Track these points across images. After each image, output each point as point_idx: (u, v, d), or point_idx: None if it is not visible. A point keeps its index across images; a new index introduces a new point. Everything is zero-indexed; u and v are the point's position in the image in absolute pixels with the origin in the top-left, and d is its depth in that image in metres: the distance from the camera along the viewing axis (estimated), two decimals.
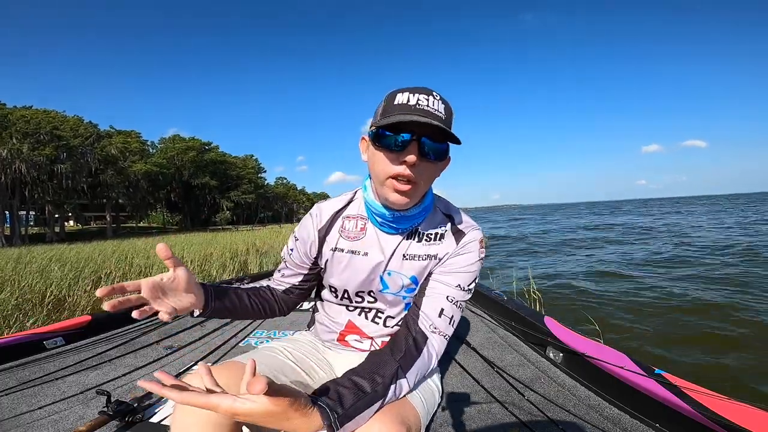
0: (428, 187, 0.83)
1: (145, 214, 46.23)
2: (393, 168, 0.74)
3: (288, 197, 71.94)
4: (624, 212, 37.95)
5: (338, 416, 0.62)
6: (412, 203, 0.80)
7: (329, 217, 0.94)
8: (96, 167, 32.44)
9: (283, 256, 1.01)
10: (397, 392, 0.72)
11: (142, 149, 40.02)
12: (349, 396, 0.65)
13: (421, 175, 0.75)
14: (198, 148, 48.38)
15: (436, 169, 0.79)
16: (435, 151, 0.74)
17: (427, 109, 0.71)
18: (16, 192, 28.02)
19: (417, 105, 0.72)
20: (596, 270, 7.01)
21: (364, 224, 0.91)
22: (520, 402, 1.52)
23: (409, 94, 0.74)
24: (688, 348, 3.25)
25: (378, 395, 0.68)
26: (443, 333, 0.82)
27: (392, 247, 0.88)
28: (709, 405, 1.10)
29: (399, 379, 0.73)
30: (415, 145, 0.72)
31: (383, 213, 0.84)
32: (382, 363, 0.74)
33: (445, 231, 0.89)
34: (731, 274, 5.91)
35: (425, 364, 0.79)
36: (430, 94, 0.74)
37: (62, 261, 6.94)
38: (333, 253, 0.92)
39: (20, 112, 29.02)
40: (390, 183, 0.75)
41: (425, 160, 0.74)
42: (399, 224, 0.86)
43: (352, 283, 0.93)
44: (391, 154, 0.74)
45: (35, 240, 26.59)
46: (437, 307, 0.83)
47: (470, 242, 0.88)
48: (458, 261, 0.87)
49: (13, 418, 1.43)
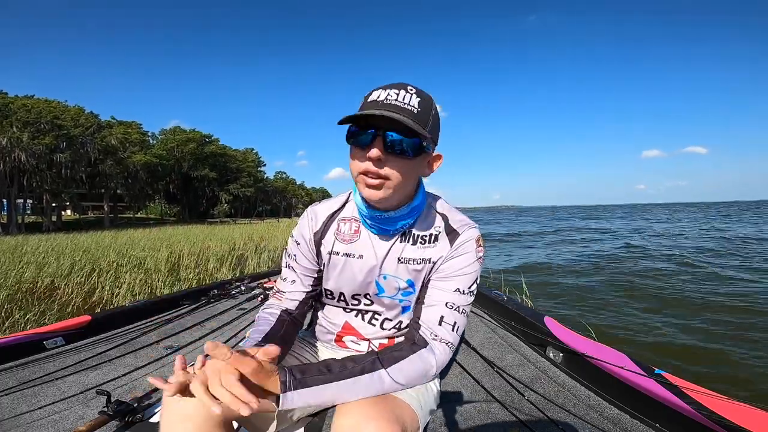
0: (409, 185, 0.78)
1: (143, 205, 46.05)
2: (362, 164, 0.73)
3: (287, 192, 71.74)
4: (595, 218, 42.46)
5: (294, 378, 0.65)
6: (390, 200, 0.77)
7: (324, 220, 0.92)
8: (95, 157, 32.23)
9: (287, 262, 0.96)
10: (376, 381, 0.71)
11: (143, 140, 39.83)
12: (313, 368, 0.68)
13: (392, 171, 0.73)
14: (198, 140, 48.16)
15: (412, 164, 0.75)
16: (403, 145, 0.72)
17: (395, 104, 0.70)
18: (14, 180, 27.87)
19: (385, 100, 0.71)
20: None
21: (358, 226, 0.89)
22: (520, 402, 1.53)
23: (381, 90, 0.73)
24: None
25: (344, 375, 0.69)
26: (446, 341, 0.79)
27: (385, 249, 0.86)
28: (709, 405, 1.11)
29: (377, 370, 0.71)
30: (380, 140, 0.71)
31: (370, 214, 0.82)
32: (361, 354, 0.76)
33: (438, 232, 0.86)
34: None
35: (417, 367, 0.75)
36: (404, 89, 0.73)
37: (58, 252, 6.91)
38: (330, 256, 0.90)
39: (21, 101, 28.82)
40: (361, 179, 0.75)
41: (393, 154, 0.72)
42: (387, 225, 0.83)
43: (348, 286, 0.91)
44: (360, 151, 0.74)
45: (32, 229, 26.47)
46: (436, 315, 0.81)
47: (466, 242, 0.84)
48: (454, 264, 0.84)
49: (13, 418, 1.42)
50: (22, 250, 7.34)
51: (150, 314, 2.88)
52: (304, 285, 0.94)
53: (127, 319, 2.67)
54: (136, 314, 2.78)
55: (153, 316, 2.87)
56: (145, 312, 2.86)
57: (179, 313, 2.96)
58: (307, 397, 0.65)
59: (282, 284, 0.96)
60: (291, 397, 0.63)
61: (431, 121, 0.75)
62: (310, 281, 0.94)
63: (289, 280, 0.95)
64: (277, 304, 0.94)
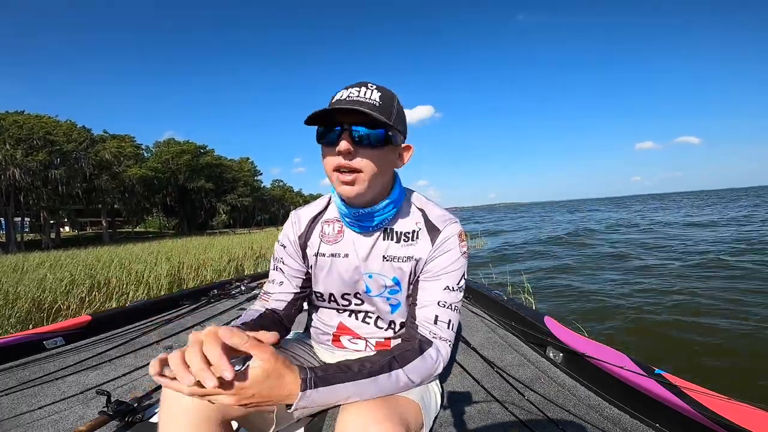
0: (383, 178, 0.80)
1: (141, 218, 46.09)
2: (333, 161, 0.76)
3: (285, 199, 71.83)
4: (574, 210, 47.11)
5: (315, 375, 0.63)
6: (366, 195, 0.79)
7: (307, 223, 0.94)
8: (90, 172, 32.20)
9: (274, 265, 0.98)
10: (393, 381, 0.71)
11: (137, 153, 39.83)
12: (332, 367, 0.67)
13: (364, 163, 0.75)
14: (193, 151, 48.15)
15: (381, 155, 0.77)
16: (369, 137, 0.74)
17: (357, 100, 0.73)
18: (10, 198, 27.81)
19: (348, 98, 0.74)
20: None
21: (341, 227, 0.91)
22: (520, 402, 1.52)
23: (344, 90, 0.76)
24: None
25: (363, 375, 0.68)
26: (444, 338, 0.82)
27: (368, 247, 0.88)
28: (709, 405, 1.10)
29: (394, 370, 0.72)
30: (347, 134, 0.73)
31: (347, 212, 0.84)
32: (379, 353, 0.76)
33: (419, 228, 0.88)
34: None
35: (428, 365, 0.77)
36: (364, 86, 0.76)
37: (58, 268, 6.89)
38: (316, 258, 0.92)
39: (13, 117, 28.78)
40: (335, 176, 0.77)
41: (361, 146, 0.75)
42: (366, 221, 0.85)
43: (336, 286, 0.93)
44: (329, 148, 0.76)
45: (31, 247, 26.39)
46: (431, 315, 0.82)
47: (448, 239, 0.85)
48: (439, 263, 0.85)
49: (13, 418, 1.42)
50: (23, 268, 7.32)
51: (150, 314, 2.88)
52: (292, 285, 0.96)
53: (127, 319, 2.67)
54: (136, 314, 2.77)
55: (153, 316, 2.87)
56: (145, 312, 2.86)
57: (179, 313, 2.96)
58: (326, 395, 0.64)
59: (269, 286, 0.97)
60: (310, 394, 0.62)
61: (395, 113, 0.77)
62: (298, 282, 0.96)
63: (277, 281, 0.97)
64: (262, 305, 0.95)
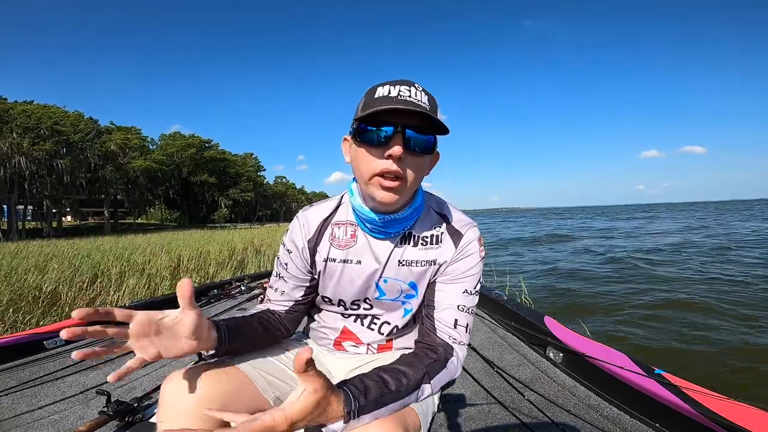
0: (417, 185, 0.77)
1: (144, 210, 46.10)
2: (378, 164, 0.70)
3: (287, 196, 71.76)
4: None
5: (359, 405, 0.60)
6: (402, 201, 0.75)
7: (318, 226, 0.88)
8: (95, 163, 32.29)
9: (277, 271, 0.93)
10: (418, 396, 0.71)
11: (142, 146, 39.87)
12: (374, 389, 0.64)
13: (409, 171, 0.71)
14: (198, 145, 48.17)
15: (424, 163, 0.74)
16: (421, 143, 0.70)
17: (410, 100, 0.67)
18: (14, 186, 27.90)
19: (399, 96, 0.68)
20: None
21: (354, 230, 0.86)
22: (520, 402, 1.52)
23: (389, 86, 0.70)
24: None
25: (401, 395, 0.67)
26: (463, 343, 0.81)
27: (386, 253, 0.84)
28: (709, 405, 1.10)
29: (423, 384, 0.71)
30: (400, 137, 0.68)
31: (372, 218, 0.79)
32: (412, 365, 0.73)
33: (441, 232, 0.85)
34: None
35: (451, 372, 0.78)
36: (412, 86, 0.70)
37: (60, 257, 6.92)
38: (325, 264, 0.87)
39: (21, 106, 28.89)
40: (376, 181, 0.71)
41: (411, 153, 0.70)
42: (390, 228, 0.81)
43: (347, 293, 0.89)
44: (375, 150, 0.70)
45: (32, 235, 26.43)
46: (451, 319, 0.81)
47: (469, 243, 0.84)
48: (460, 266, 0.83)
49: (13, 418, 1.42)
50: (23, 255, 7.34)
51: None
52: (296, 293, 0.92)
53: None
54: None
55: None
56: None
57: None
58: (366, 420, 0.62)
59: (271, 293, 0.94)
60: (353, 424, 0.60)
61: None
62: (300, 293, 0.91)
63: (279, 290, 0.92)
64: (264, 307, 0.94)
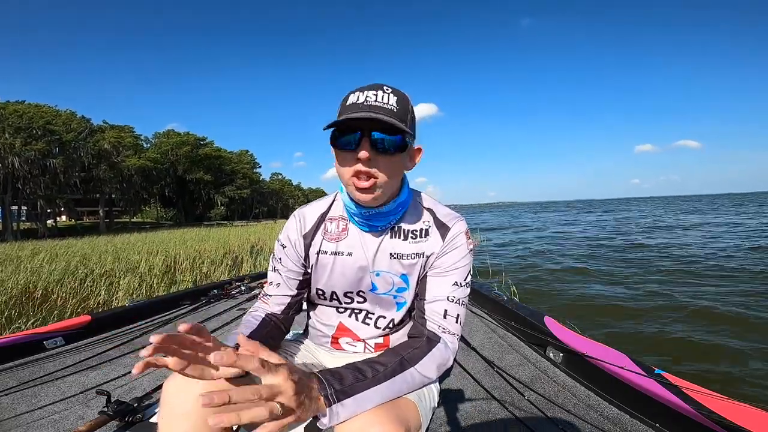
0: (396, 181, 0.82)
1: (139, 209, 45.83)
2: (351, 167, 0.76)
3: (283, 193, 71.57)
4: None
5: (336, 390, 0.61)
6: (381, 199, 0.80)
7: (314, 222, 0.93)
8: (89, 162, 31.97)
9: (273, 265, 0.97)
10: (409, 381, 0.72)
11: (136, 144, 39.56)
12: (349, 376, 0.65)
13: (381, 170, 0.76)
14: (192, 143, 47.83)
15: (398, 161, 0.79)
16: (389, 144, 0.75)
17: (376, 104, 0.73)
18: (8, 187, 27.62)
19: (365, 102, 0.74)
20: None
21: (345, 224, 0.91)
22: (520, 402, 1.53)
23: (359, 92, 0.76)
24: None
25: (378, 381, 0.68)
26: (453, 332, 0.83)
27: (375, 245, 0.88)
28: (709, 405, 1.12)
29: (406, 369, 0.73)
30: (366, 140, 0.74)
31: (358, 212, 0.85)
32: (385, 355, 0.76)
33: (428, 226, 0.89)
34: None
35: (437, 358, 0.79)
36: (380, 89, 0.75)
37: (53, 257, 6.87)
38: (318, 256, 0.92)
39: (13, 106, 28.52)
40: (352, 182, 0.77)
41: (380, 153, 0.75)
42: (376, 221, 0.86)
43: (339, 285, 0.93)
44: (348, 154, 0.76)
45: (27, 235, 26.23)
46: (441, 309, 0.84)
47: (456, 236, 0.88)
48: (448, 259, 0.87)
49: (13, 418, 1.42)
50: (18, 256, 7.30)
51: (150, 314, 2.89)
52: (290, 288, 0.95)
53: (127, 319, 2.68)
54: (136, 314, 2.79)
55: (153, 316, 2.89)
56: (145, 312, 2.87)
57: (179, 313, 2.97)
58: (351, 408, 0.62)
59: (268, 288, 0.97)
60: (336, 410, 0.60)
61: (410, 118, 0.78)
62: (295, 284, 0.95)
63: (275, 283, 0.96)
64: (262, 308, 0.95)
